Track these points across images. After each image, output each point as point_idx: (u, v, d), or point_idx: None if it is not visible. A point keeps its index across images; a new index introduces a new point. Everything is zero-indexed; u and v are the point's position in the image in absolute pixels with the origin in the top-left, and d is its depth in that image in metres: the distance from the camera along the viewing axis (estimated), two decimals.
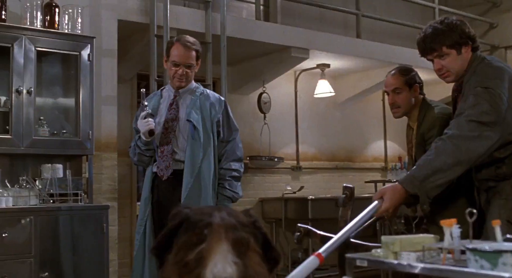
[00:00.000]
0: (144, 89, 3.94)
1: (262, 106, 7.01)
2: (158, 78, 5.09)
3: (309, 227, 2.84)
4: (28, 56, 4.44)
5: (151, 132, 3.61)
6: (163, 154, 3.67)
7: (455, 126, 2.72)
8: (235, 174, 3.80)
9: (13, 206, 4.19)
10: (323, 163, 7.78)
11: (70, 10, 4.79)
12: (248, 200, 7.14)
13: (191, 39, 3.78)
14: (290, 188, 6.99)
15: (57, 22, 4.67)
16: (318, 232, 2.80)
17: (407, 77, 3.45)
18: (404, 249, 2.12)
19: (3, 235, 4.04)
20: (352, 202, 2.78)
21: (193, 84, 3.82)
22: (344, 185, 2.96)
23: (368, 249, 2.44)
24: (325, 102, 7.77)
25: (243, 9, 7.23)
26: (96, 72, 4.83)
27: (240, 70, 7.07)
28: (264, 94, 7.03)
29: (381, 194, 2.65)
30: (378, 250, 2.20)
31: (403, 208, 3.29)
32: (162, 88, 3.96)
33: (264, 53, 6.60)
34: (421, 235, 2.29)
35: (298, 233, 2.85)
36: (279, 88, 7.34)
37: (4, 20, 4.44)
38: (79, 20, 4.79)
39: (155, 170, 3.71)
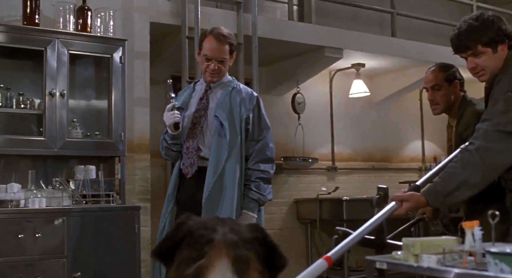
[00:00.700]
0: (171, 81, 3.75)
1: (296, 106, 6.98)
2: (190, 80, 5.11)
3: (347, 230, 2.80)
4: (61, 59, 4.50)
5: (176, 126, 3.46)
6: (188, 150, 3.52)
7: (481, 136, 2.60)
8: (263, 175, 3.54)
9: (46, 206, 4.25)
10: (359, 163, 7.72)
11: (102, 13, 4.85)
12: (283, 201, 7.13)
13: (225, 31, 3.58)
14: (325, 189, 6.95)
15: (89, 25, 4.73)
16: None
17: (447, 74, 3.38)
18: (425, 252, 2.08)
19: (37, 235, 4.10)
20: (386, 202, 2.75)
21: (227, 77, 3.65)
22: (378, 185, 2.93)
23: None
24: (360, 102, 7.70)
25: (277, 9, 7.22)
26: (128, 74, 4.88)
27: (274, 70, 7.06)
28: (298, 95, 7.00)
29: (402, 199, 2.59)
30: (399, 252, 2.17)
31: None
32: (195, 81, 3.81)
33: (298, 53, 6.58)
34: (443, 237, 2.25)
35: (336, 236, 2.81)
36: (314, 89, 7.31)
37: (37, 24, 4.51)
38: (111, 23, 4.84)
39: (181, 166, 3.59)
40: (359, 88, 7.23)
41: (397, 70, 7.49)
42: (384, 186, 2.86)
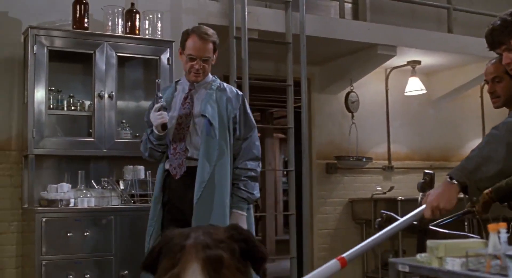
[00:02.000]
0: (160, 80, 3.74)
1: (350, 105, 6.89)
2: (238, 80, 5.13)
3: (392, 214, 2.76)
4: (109, 61, 4.60)
5: (164, 126, 3.43)
6: (176, 151, 3.47)
7: None
8: (251, 173, 3.53)
9: (95, 206, 4.35)
10: (416, 162, 7.54)
11: (150, 16, 4.92)
12: (338, 201, 7.06)
13: (208, 30, 3.56)
14: (380, 188, 6.83)
15: (137, 28, 4.81)
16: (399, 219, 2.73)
17: None
18: (449, 254, 2.02)
19: (85, 233, 4.20)
20: (431, 188, 2.68)
21: (210, 77, 3.62)
22: (425, 171, 2.88)
23: (446, 236, 2.34)
24: (418, 100, 7.53)
25: (331, 8, 7.14)
26: (176, 76, 4.92)
27: (328, 69, 7.00)
28: (352, 94, 6.91)
29: (427, 197, 2.51)
30: (423, 255, 2.11)
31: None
32: (176, 80, 3.77)
33: (350, 51, 6.50)
34: (470, 239, 2.17)
35: (380, 219, 2.79)
36: (368, 87, 7.20)
37: (86, 28, 4.62)
38: (159, 25, 4.91)
39: (167, 167, 3.52)
40: (415, 86, 7.07)
41: (455, 67, 7.29)
42: (430, 171, 2.80)
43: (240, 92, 3.65)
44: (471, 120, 7.91)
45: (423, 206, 2.49)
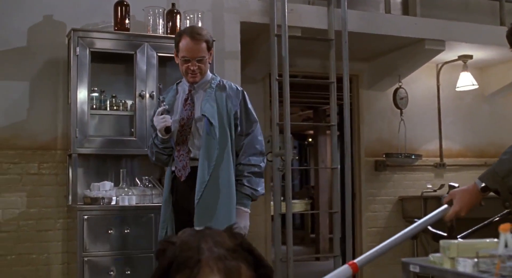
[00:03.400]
0: (161, 84, 3.72)
1: (398, 102, 6.78)
2: (279, 78, 5.12)
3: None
4: (150, 62, 4.67)
5: (167, 130, 3.44)
6: (180, 153, 3.50)
7: None
8: (255, 169, 3.51)
9: (136, 204, 4.43)
10: (469, 159, 7.36)
11: (191, 15, 4.97)
12: (387, 199, 6.97)
13: (200, 29, 3.56)
14: (430, 186, 6.70)
15: (178, 28, 4.86)
16: (430, 229, 2.70)
17: None
18: (462, 255, 1.97)
19: (126, 231, 4.29)
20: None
21: (209, 75, 3.61)
22: (449, 183, 2.81)
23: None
24: (471, 96, 7.34)
25: (380, 3, 7.03)
26: (219, 74, 4.93)
27: (376, 65, 6.91)
28: (400, 90, 6.79)
29: (451, 196, 2.46)
30: (436, 255, 2.06)
31: None
32: (178, 82, 3.76)
33: (397, 47, 6.39)
34: (487, 239, 2.10)
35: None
36: (418, 83, 7.07)
37: (127, 29, 4.70)
38: (200, 24, 4.95)
39: (173, 169, 3.56)
40: (466, 81, 6.89)
41: (509, 60, 7.06)
42: (455, 184, 2.73)
43: (240, 88, 3.62)
44: None
45: (444, 207, 2.44)
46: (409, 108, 6.89)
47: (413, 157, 6.80)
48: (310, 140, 13.81)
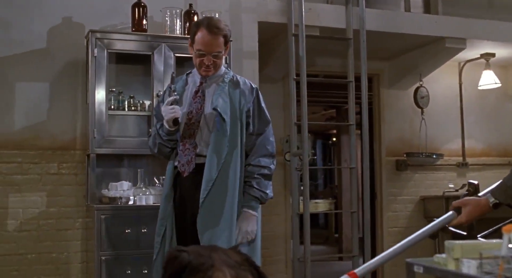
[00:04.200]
0: (174, 73, 3.51)
1: (419, 101, 6.72)
2: (296, 77, 5.11)
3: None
4: (167, 62, 4.69)
5: (175, 121, 3.23)
6: (185, 147, 3.28)
7: None
8: (265, 171, 3.31)
9: (153, 203, 4.46)
10: (493, 158, 7.27)
11: (203, 15, 4.98)
12: (409, 198, 6.92)
13: (219, 22, 3.32)
14: (452, 186, 6.65)
15: None
16: (451, 228, 2.68)
17: None
18: (466, 256, 1.95)
19: (143, 230, 4.32)
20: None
21: (222, 69, 3.41)
22: (469, 181, 2.79)
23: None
24: (494, 94, 7.25)
25: (401, 1, 6.98)
26: (237, 74, 4.96)
27: (397, 64, 6.87)
28: (421, 89, 6.74)
29: (462, 204, 2.44)
30: (440, 256, 2.04)
31: None
32: (187, 72, 3.53)
33: (417, 46, 6.34)
34: (494, 240, 2.08)
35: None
36: (440, 81, 7.00)
37: (145, 30, 4.74)
38: None
39: (176, 164, 3.34)
40: (489, 80, 6.81)
41: None
42: (475, 182, 2.71)
43: (254, 85, 3.44)
44: None
45: (449, 214, 2.43)
46: (430, 107, 6.83)
47: (434, 156, 6.74)
48: (334, 139, 13.76)
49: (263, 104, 3.41)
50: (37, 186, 4.70)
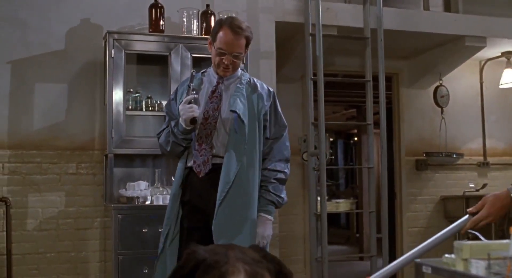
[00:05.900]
0: (194, 71, 3.44)
1: (439, 100, 6.67)
2: (314, 77, 5.10)
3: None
4: (184, 63, 4.72)
5: (193, 121, 3.15)
6: (201, 147, 3.20)
7: None
8: (281, 176, 3.27)
9: None
10: None
11: (225, 16, 4.98)
12: (429, 198, 6.87)
13: (242, 23, 3.24)
14: (472, 186, 6.59)
15: None
16: (473, 232, 2.64)
17: None
18: (475, 256, 1.94)
19: (160, 229, 4.32)
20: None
21: (239, 71, 3.35)
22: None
23: None
24: None
25: (421, 0, 6.94)
26: (254, 74, 4.95)
27: (416, 63, 6.83)
28: (441, 88, 6.69)
29: (481, 204, 2.40)
30: (449, 256, 2.03)
31: None
32: (203, 71, 3.45)
33: (436, 45, 6.30)
34: (504, 241, 2.06)
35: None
36: (460, 80, 6.94)
37: (162, 31, 4.77)
38: None
39: (189, 164, 3.24)
40: (510, 78, 6.73)
41: None
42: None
43: (271, 89, 3.39)
44: None
45: (464, 218, 2.40)
46: (450, 106, 6.78)
47: (454, 156, 6.69)
48: (355, 138, 13.70)
49: (279, 109, 3.38)
50: (56, 185, 4.75)
